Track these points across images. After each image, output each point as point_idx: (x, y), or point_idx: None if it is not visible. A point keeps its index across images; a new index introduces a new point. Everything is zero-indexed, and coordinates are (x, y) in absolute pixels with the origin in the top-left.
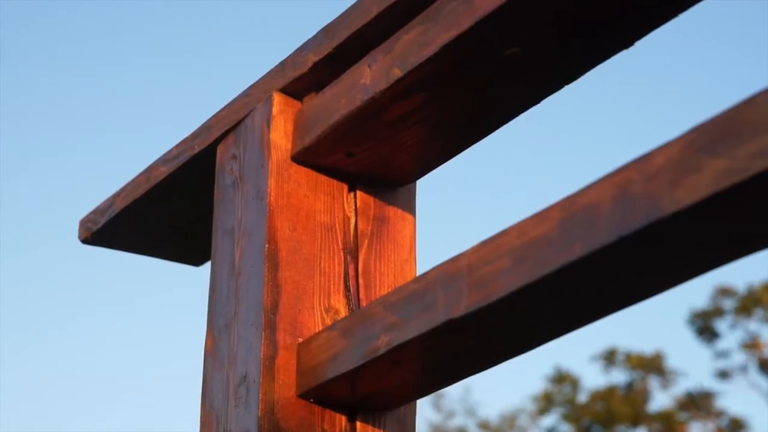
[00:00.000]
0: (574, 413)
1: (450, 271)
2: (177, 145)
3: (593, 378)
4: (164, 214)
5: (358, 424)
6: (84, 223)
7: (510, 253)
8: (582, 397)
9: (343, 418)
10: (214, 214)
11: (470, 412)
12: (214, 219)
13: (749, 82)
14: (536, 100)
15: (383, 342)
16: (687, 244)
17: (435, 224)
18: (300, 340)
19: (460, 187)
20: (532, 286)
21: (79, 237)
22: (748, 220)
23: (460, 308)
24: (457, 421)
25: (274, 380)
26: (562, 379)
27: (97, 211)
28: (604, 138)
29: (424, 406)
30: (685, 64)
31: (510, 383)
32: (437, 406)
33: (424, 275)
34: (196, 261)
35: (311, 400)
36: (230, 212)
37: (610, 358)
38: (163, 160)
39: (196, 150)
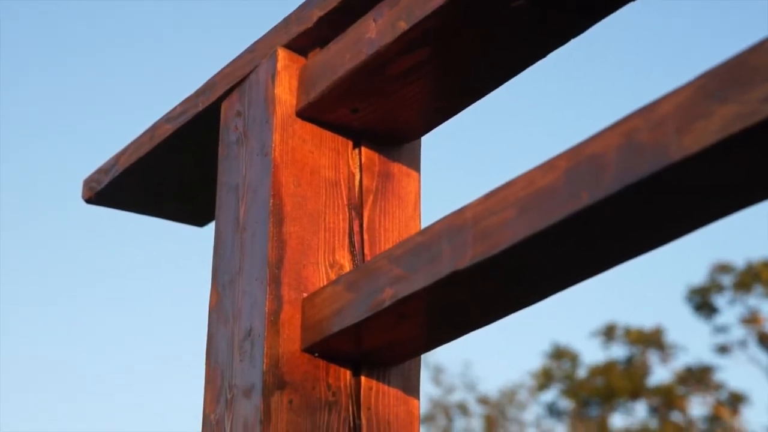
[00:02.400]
0: (573, 389)
1: (455, 222)
2: (181, 103)
3: (593, 353)
4: (168, 173)
5: (363, 378)
6: (88, 182)
7: (516, 203)
8: (581, 373)
9: (348, 373)
10: (219, 171)
11: (470, 387)
12: (218, 176)
13: (759, 28)
14: (543, 54)
15: (388, 295)
16: (695, 192)
17: (440, 182)
18: (304, 295)
19: (465, 144)
20: (537, 236)
21: (83, 197)
22: (758, 166)
23: (466, 260)
24: (457, 396)
25: (278, 334)
26: (561, 354)
27: (101, 171)
28: (611, 91)
29: (424, 381)
30: (695, 11)
31: (510, 359)
32: (437, 381)
33: (429, 227)
34: (200, 222)
35: (316, 354)
36: (235, 169)
37: (609, 333)
38: (167, 118)
39: (201, 107)
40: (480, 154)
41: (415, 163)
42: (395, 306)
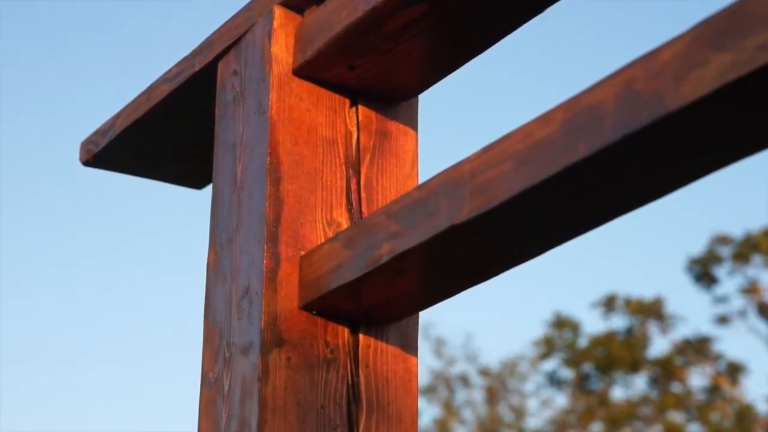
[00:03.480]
0: (574, 358)
1: (452, 177)
2: (177, 64)
3: (593, 323)
4: (165, 135)
5: (361, 336)
6: (85, 144)
7: (513, 156)
8: (582, 343)
9: (346, 330)
10: (216, 130)
11: (471, 358)
12: (215, 135)
13: None
14: (540, 9)
15: (386, 251)
16: (693, 142)
17: (437, 141)
18: (302, 253)
19: (462, 102)
20: (535, 189)
21: (80, 159)
22: (755, 115)
23: (463, 214)
24: (459, 367)
25: (276, 292)
26: (562, 324)
27: (98, 133)
28: (610, 45)
29: (425, 353)
30: None
31: (511, 330)
32: (438, 353)
33: (427, 183)
34: (198, 184)
35: (314, 312)
36: (232, 128)
37: (609, 303)
38: (164, 79)
39: (197, 68)
40: (478, 113)
41: (412, 122)
42: (393, 262)
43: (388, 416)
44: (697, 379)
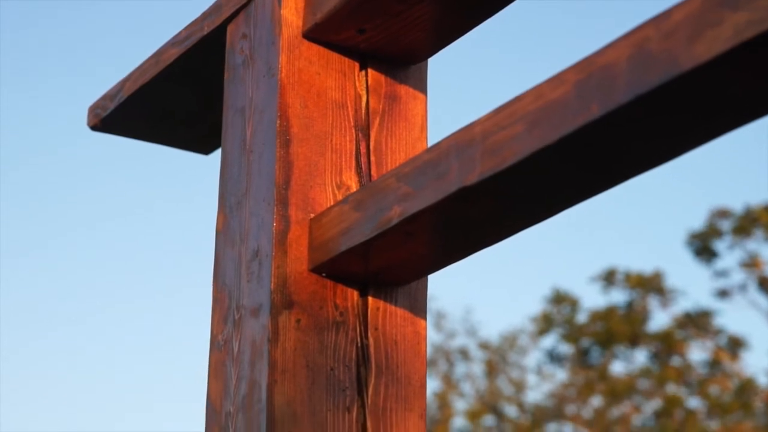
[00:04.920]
0: (573, 333)
1: (464, 138)
2: (186, 27)
3: (593, 298)
4: (174, 99)
5: (370, 298)
6: (93, 109)
7: (525, 117)
8: (581, 318)
9: (355, 293)
10: (225, 94)
11: (471, 332)
12: (224, 99)
13: None
14: None
15: (396, 213)
16: (706, 102)
17: (447, 105)
18: (312, 215)
19: (473, 65)
20: (546, 150)
21: (88, 124)
22: None
23: (474, 175)
24: (459, 341)
25: (286, 255)
26: (561, 299)
27: (106, 97)
28: (621, 4)
29: None
30: None
31: (510, 304)
32: (438, 327)
33: (437, 144)
34: (206, 149)
35: (323, 274)
36: (241, 91)
37: (609, 278)
38: (173, 42)
39: (206, 31)
40: (488, 77)
41: (421, 85)
42: (403, 224)
43: (397, 378)
44: (698, 353)
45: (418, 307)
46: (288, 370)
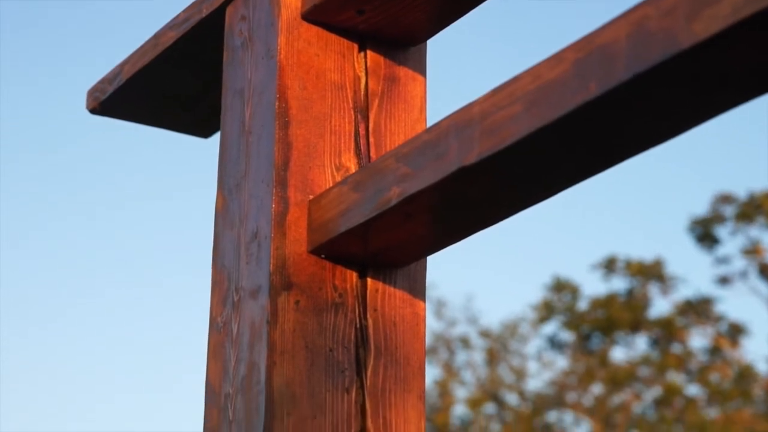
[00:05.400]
0: (574, 321)
1: (462, 119)
2: (185, 10)
3: (593, 286)
4: (173, 82)
5: (369, 280)
6: (92, 92)
7: (523, 97)
8: (582, 305)
9: (354, 274)
10: (224, 76)
11: (472, 320)
12: (223, 80)
13: None
14: None
15: (395, 193)
16: (706, 81)
17: (446, 87)
18: (311, 197)
19: (472, 47)
20: (545, 129)
21: (87, 107)
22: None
23: (473, 156)
24: (459, 329)
25: (285, 236)
26: (562, 287)
27: (104, 80)
28: None
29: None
30: None
31: (511, 292)
32: (439, 315)
33: (436, 125)
34: (205, 133)
35: (322, 255)
36: (240, 73)
37: (610, 265)
38: (171, 25)
39: (204, 14)
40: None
41: (420, 67)
42: (402, 204)
43: (396, 360)
44: (698, 340)
45: (417, 288)
46: (287, 351)
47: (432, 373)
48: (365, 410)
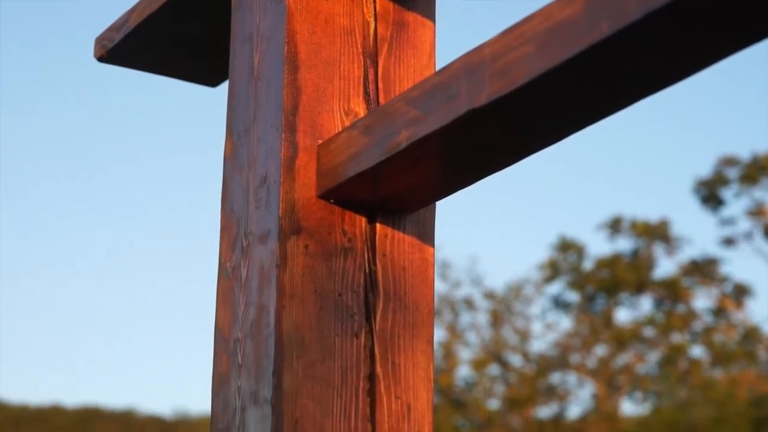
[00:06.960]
0: (579, 281)
1: (473, 60)
2: None
3: (599, 246)
4: (180, 30)
5: (378, 225)
6: (100, 40)
7: (534, 38)
8: (587, 265)
9: (363, 220)
10: (232, 21)
11: (476, 282)
12: (232, 26)
13: None
14: None
15: (405, 137)
16: (719, 19)
17: (455, 35)
18: (320, 142)
19: None
20: (557, 70)
21: (95, 55)
22: None
23: (483, 97)
24: (464, 291)
25: (294, 181)
26: (567, 247)
27: (112, 29)
28: None
29: None
30: None
31: (516, 253)
32: (443, 276)
33: (447, 67)
34: (213, 81)
35: (331, 200)
36: (248, 18)
37: (615, 226)
38: None
39: None
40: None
41: (429, 13)
42: (411, 148)
43: (405, 305)
44: (703, 300)
45: (426, 234)
46: (296, 295)
47: (436, 335)
48: (374, 354)
